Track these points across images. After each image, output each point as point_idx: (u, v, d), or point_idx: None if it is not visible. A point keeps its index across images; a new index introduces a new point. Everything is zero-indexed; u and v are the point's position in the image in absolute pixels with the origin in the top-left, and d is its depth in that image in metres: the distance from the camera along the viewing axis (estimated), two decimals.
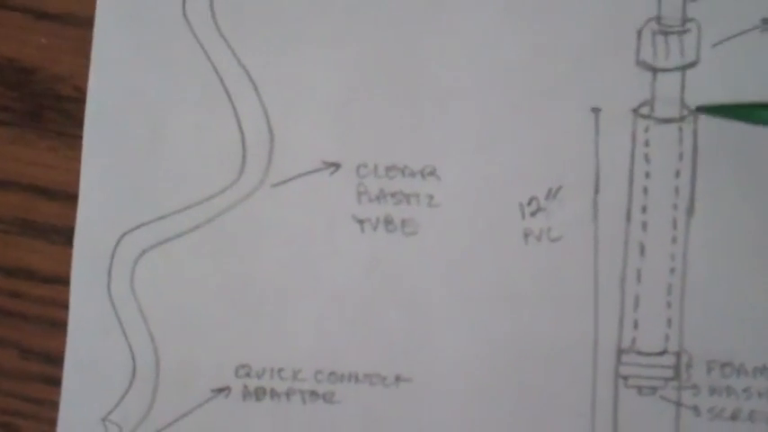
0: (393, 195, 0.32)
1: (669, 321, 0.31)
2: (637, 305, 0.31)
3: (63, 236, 0.33)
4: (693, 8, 0.32)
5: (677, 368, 0.31)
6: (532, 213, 0.32)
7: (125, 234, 0.32)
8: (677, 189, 0.31)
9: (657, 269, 0.31)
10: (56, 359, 0.32)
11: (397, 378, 0.32)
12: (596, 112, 0.32)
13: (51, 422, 0.32)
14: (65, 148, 0.33)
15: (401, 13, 0.32)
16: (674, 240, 0.31)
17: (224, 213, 0.32)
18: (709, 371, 0.31)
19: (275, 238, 0.32)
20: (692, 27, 0.32)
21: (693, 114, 0.31)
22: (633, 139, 0.32)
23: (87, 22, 0.33)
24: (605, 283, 0.31)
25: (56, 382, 0.32)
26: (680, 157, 0.31)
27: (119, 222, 0.32)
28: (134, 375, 0.32)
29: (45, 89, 0.33)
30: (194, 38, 0.33)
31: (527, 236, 0.32)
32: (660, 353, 0.31)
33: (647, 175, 0.31)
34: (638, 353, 0.31)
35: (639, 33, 0.32)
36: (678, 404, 0.31)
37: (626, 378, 0.31)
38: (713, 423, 0.31)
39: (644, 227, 0.31)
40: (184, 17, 0.33)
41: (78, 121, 0.33)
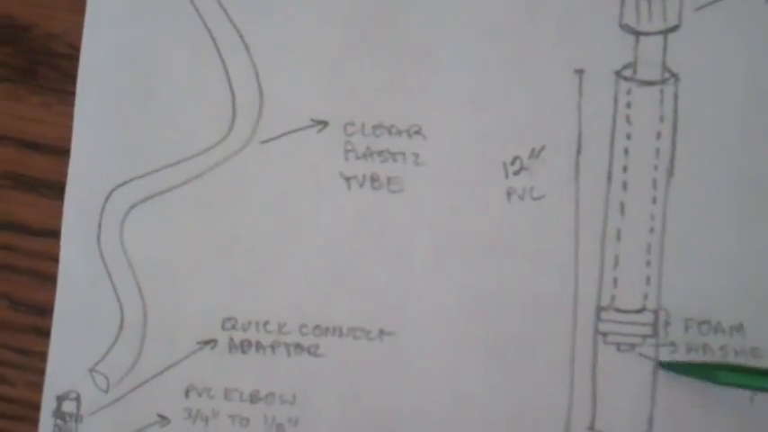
0: (379, 153, 0.33)
1: (648, 280, 0.32)
2: (616, 264, 0.32)
3: (54, 190, 0.33)
4: None
5: (655, 326, 0.32)
6: (515, 172, 0.32)
7: (115, 188, 0.33)
8: (658, 150, 0.32)
9: (637, 228, 0.32)
10: (46, 311, 0.33)
11: (381, 331, 0.32)
12: (580, 73, 0.32)
13: (40, 372, 0.33)
14: (58, 104, 0.34)
15: None
16: (653, 201, 0.32)
17: (213, 169, 0.33)
18: (686, 329, 0.32)
19: (263, 194, 0.33)
20: None
21: (675, 77, 0.32)
22: (615, 100, 0.32)
23: None
24: (586, 241, 0.32)
25: (45, 333, 0.33)
26: (661, 119, 0.32)
27: (109, 177, 0.33)
28: (121, 327, 0.32)
29: (40, 46, 0.34)
30: None
31: (510, 194, 0.32)
32: (639, 310, 0.32)
33: (628, 137, 0.32)
34: (617, 310, 0.32)
35: None
36: (656, 361, 0.31)
37: (605, 335, 0.32)
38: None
39: (624, 187, 0.32)
40: None
41: (72, 78, 0.34)
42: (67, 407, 0.32)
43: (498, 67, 0.32)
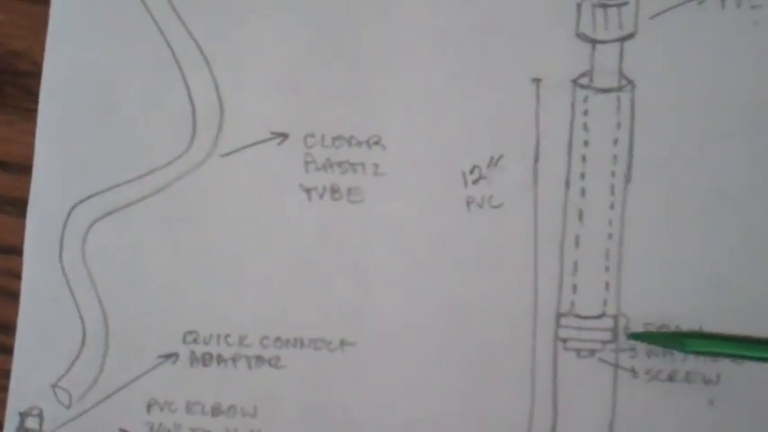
0: (339, 165, 0.33)
1: (607, 285, 0.32)
2: (575, 270, 0.32)
3: (17, 207, 0.33)
4: None
5: (615, 331, 0.32)
6: (474, 181, 0.32)
7: (77, 204, 0.33)
8: (615, 157, 0.32)
9: (595, 235, 0.32)
10: (8, 328, 0.33)
11: (342, 342, 0.32)
12: (537, 82, 0.32)
13: (4, 389, 0.33)
14: (21, 122, 0.34)
15: None
16: (611, 206, 0.32)
17: (174, 183, 0.33)
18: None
19: (224, 207, 0.33)
20: (630, 0, 0.32)
21: (631, 84, 0.32)
22: (572, 108, 0.32)
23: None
24: (545, 248, 0.32)
25: (8, 350, 0.33)
26: (618, 125, 0.32)
27: (71, 193, 0.33)
28: (84, 343, 0.32)
29: (3, 64, 0.34)
30: (147, 12, 0.33)
31: (469, 203, 0.32)
32: (598, 316, 0.32)
33: (585, 144, 0.32)
34: (576, 316, 0.32)
35: (579, 6, 0.32)
36: (616, 366, 0.31)
37: (565, 341, 0.32)
38: (650, 384, 0.31)
39: (582, 193, 0.32)
40: None
41: (35, 96, 0.34)
42: (30, 423, 0.32)
43: (455, 77, 0.32)
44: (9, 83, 0.34)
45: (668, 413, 0.31)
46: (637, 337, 0.31)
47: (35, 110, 0.34)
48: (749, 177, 0.31)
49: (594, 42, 0.32)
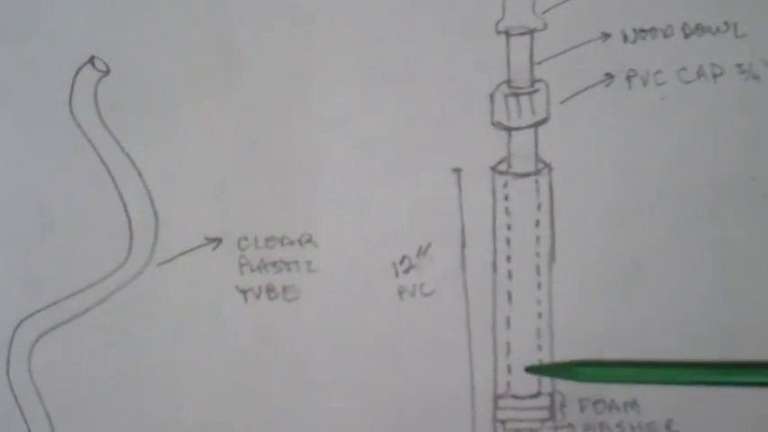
0: (274, 264, 0.34)
1: (540, 363, 0.32)
2: (509, 351, 0.33)
3: None
4: (540, 69, 0.34)
5: (552, 409, 0.32)
6: (405, 271, 0.33)
7: (22, 321, 0.34)
8: (538, 238, 0.33)
9: (525, 315, 0.33)
10: None
11: None
12: (458, 171, 0.34)
13: None
14: None
15: (272, 90, 0.34)
16: (538, 286, 0.33)
17: (114, 294, 0.34)
18: (582, 409, 0.32)
19: (163, 314, 0.34)
20: (540, 87, 0.34)
21: (548, 167, 0.33)
22: (493, 194, 0.33)
23: None
24: (477, 331, 0.33)
25: None
26: (538, 207, 0.33)
27: (16, 310, 0.34)
28: None
29: None
30: (81, 132, 0.35)
31: (401, 293, 0.33)
32: (535, 395, 0.32)
33: (508, 227, 0.33)
34: (513, 397, 0.32)
35: (492, 96, 0.34)
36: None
37: (504, 422, 0.32)
38: None
39: (510, 276, 0.33)
40: (71, 114, 0.35)
41: None
42: None
43: (380, 173, 0.34)
44: None
45: None
46: (534, 370, 0.31)
47: None
48: (667, 248, 0.32)
49: (510, 130, 0.34)
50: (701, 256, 0.32)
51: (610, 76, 0.34)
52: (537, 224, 0.33)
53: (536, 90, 0.34)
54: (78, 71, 0.35)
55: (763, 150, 0.32)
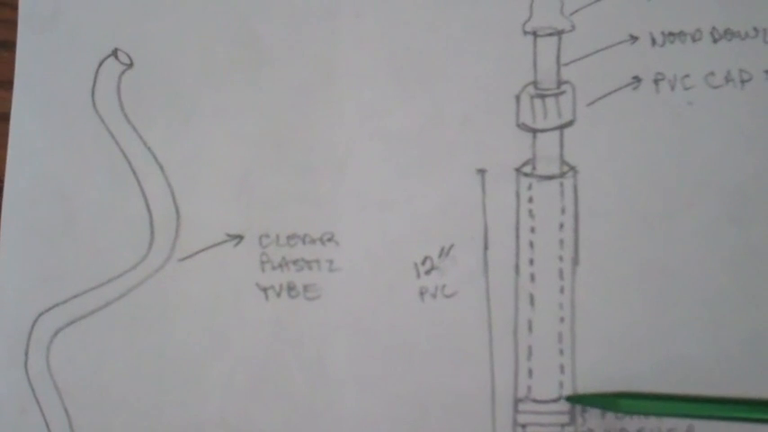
0: (295, 263, 0.34)
1: (562, 368, 0.32)
2: (530, 354, 0.32)
3: None
4: (567, 71, 0.34)
5: (572, 413, 0.32)
6: (427, 272, 0.33)
7: (41, 314, 0.34)
8: (562, 241, 0.33)
9: (547, 319, 0.33)
10: None
11: None
12: (482, 173, 0.33)
13: None
14: None
15: (295, 85, 0.34)
16: (561, 290, 0.33)
17: (134, 289, 0.34)
18: (603, 414, 0.32)
19: (184, 310, 0.33)
20: (567, 89, 0.34)
21: (573, 170, 0.33)
22: (517, 196, 0.33)
23: (4, 118, 0.35)
24: (499, 334, 0.33)
25: None
26: (562, 210, 0.33)
27: (35, 303, 0.34)
28: None
29: None
30: (103, 125, 0.35)
31: (423, 294, 0.33)
32: (555, 399, 0.32)
33: (532, 230, 0.33)
34: (534, 401, 0.32)
35: (518, 98, 0.34)
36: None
37: (524, 426, 0.32)
38: None
39: (532, 278, 0.33)
40: (94, 107, 0.35)
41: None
42: None
43: (404, 172, 0.33)
44: None
45: None
46: (575, 400, 0.31)
47: None
48: (692, 254, 0.32)
49: (535, 131, 0.33)
50: (725, 261, 0.32)
51: (637, 80, 0.33)
52: (561, 227, 0.33)
53: (562, 92, 0.33)
54: (101, 64, 0.35)
55: None
